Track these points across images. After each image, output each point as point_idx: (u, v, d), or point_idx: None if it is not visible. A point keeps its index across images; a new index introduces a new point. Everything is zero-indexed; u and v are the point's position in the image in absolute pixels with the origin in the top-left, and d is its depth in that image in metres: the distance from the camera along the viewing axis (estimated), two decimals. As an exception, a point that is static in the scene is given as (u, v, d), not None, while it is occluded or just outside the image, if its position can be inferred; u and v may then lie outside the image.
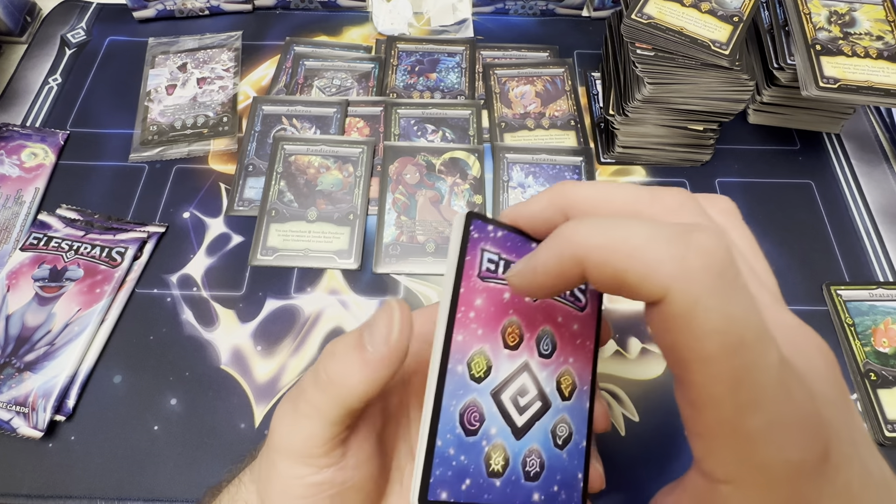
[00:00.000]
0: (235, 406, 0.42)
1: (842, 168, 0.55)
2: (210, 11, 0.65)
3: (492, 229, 0.20)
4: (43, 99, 0.58)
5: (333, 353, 0.20)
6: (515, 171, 0.53)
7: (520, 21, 0.66)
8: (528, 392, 0.20)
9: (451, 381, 0.19)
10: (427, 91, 0.59)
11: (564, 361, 0.22)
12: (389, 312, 0.19)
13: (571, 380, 0.22)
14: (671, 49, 0.47)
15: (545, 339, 0.21)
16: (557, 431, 0.21)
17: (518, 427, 0.20)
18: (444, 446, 0.18)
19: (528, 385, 0.20)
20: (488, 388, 0.19)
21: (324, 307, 0.46)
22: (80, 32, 0.63)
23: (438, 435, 0.18)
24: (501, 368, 0.20)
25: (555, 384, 0.21)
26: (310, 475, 0.20)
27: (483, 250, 0.20)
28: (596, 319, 0.23)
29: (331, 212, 0.50)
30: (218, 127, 0.55)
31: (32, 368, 0.41)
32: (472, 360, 0.19)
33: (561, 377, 0.21)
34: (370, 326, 0.19)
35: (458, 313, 0.19)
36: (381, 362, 0.19)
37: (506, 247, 0.20)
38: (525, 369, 0.20)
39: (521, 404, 0.20)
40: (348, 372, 0.19)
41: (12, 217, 0.50)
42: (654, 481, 0.40)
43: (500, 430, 0.19)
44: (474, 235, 0.20)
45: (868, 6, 0.51)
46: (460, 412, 0.19)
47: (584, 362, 0.22)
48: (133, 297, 0.46)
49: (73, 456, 0.40)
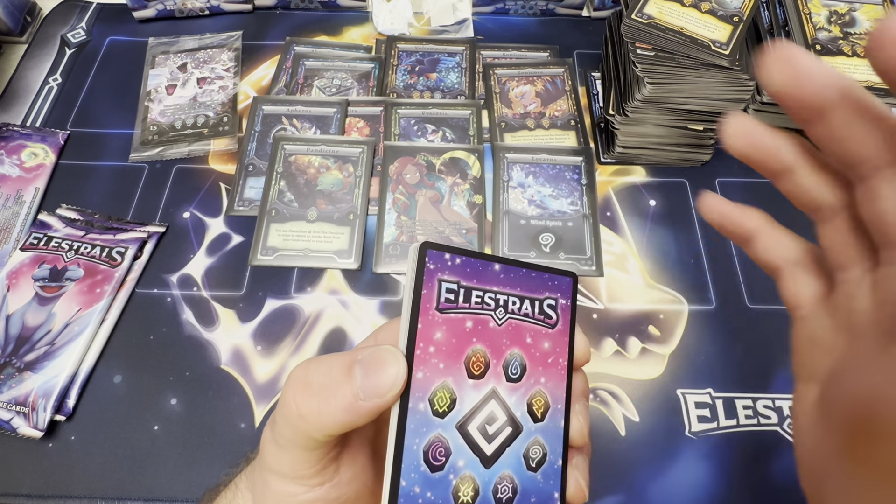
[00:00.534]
0: (235, 406, 0.42)
1: (842, 168, 0.55)
2: (210, 11, 0.65)
3: (449, 258, 0.20)
4: (43, 99, 0.58)
5: (308, 386, 0.18)
6: (515, 170, 0.53)
7: (520, 21, 0.66)
8: (496, 419, 0.20)
9: (413, 420, 0.19)
10: (427, 91, 0.59)
11: (536, 382, 0.21)
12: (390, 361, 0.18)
13: (544, 400, 0.22)
14: (671, 49, 0.47)
15: (513, 362, 0.21)
16: (530, 454, 0.21)
17: (487, 455, 0.20)
18: (408, 486, 0.18)
19: (497, 412, 0.20)
20: (453, 422, 0.19)
21: (324, 307, 0.46)
22: (81, 32, 0.63)
23: (402, 475, 0.18)
24: (466, 399, 0.20)
25: (526, 407, 0.21)
26: (303, 493, 0.20)
27: (441, 281, 0.20)
28: (569, 335, 0.22)
29: (331, 212, 0.50)
30: (218, 127, 0.55)
31: (32, 368, 0.41)
32: (434, 395, 0.19)
33: (532, 399, 0.21)
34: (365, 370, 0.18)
35: (417, 350, 0.19)
36: (369, 411, 0.18)
37: (465, 273, 0.20)
38: (493, 396, 0.20)
39: (490, 432, 0.20)
40: (326, 412, 0.18)
41: (12, 217, 0.50)
42: (653, 481, 0.40)
43: (468, 462, 0.19)
44: (430, 267, 0.19)
45: (868, 6, 0.51)
46: (424, 450, 0.19)
47: (557, 380, 0.22)
48: (133, 296, 0.46)
49: (73, 456, 0.40)
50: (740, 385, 0.43)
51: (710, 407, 0.43)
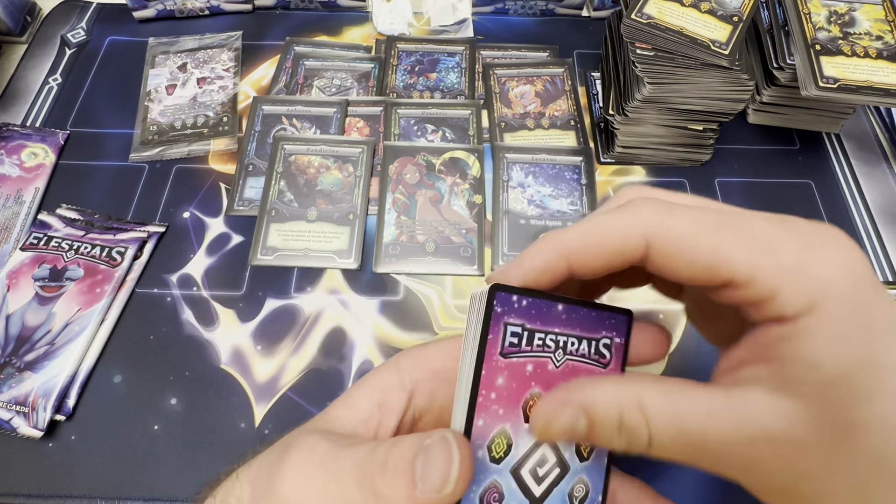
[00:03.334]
0: (235, 406, 0.42)
1: (841, 168, 0.55)
2: (210, 11, 0.65)
3: (516, 299, 0.20)
4: (43, 99, 0.58)
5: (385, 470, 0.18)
6: (515, 170, 0.53)
7: (520, 21, 0.66)
8: (546, 461, 0.21)
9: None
10: (427, 91, 0.59)
11: None
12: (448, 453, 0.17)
13: None
14: (671, 49, 0.47)
15: None
16: (574, 492, 0.21)
17: (536, 497, 0.20)
18: None
19: (548, 454, 0.21)
20: (508, 467, 0.20)
21: (324, 307, 0.46)
22: (80, 32, 0.63)
23: None
24: (521, 444, 0.20)
25: (574, 447, 0.21)
26: None
27: (507, 325, 0.19)
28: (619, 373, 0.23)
29: (331, 212, 0.50)
30: (218, 127, 0.55)
31: (32, 368, 0.41)
32: (492, 442, 0.19)
33: None
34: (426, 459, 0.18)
35: (480, 397, 0.19)
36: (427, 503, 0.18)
37: (530, 315, 0.20)
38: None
39: (540, 474, 0.20)
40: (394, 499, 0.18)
41: (12, 217, 0.50)
42: (653, 481, 0.40)
43: None
44: (497, 310, 0.19)
45: (868, 6, 0.51)
46: (480, 496, 0.19)
47: None
48: (133, 296, 0.46)
49: (73, 456, 0.40)
50: (740, 385, 0.43)
51: (709, 407, 0.43)
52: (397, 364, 0.24)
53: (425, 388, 0.23)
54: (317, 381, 0.43)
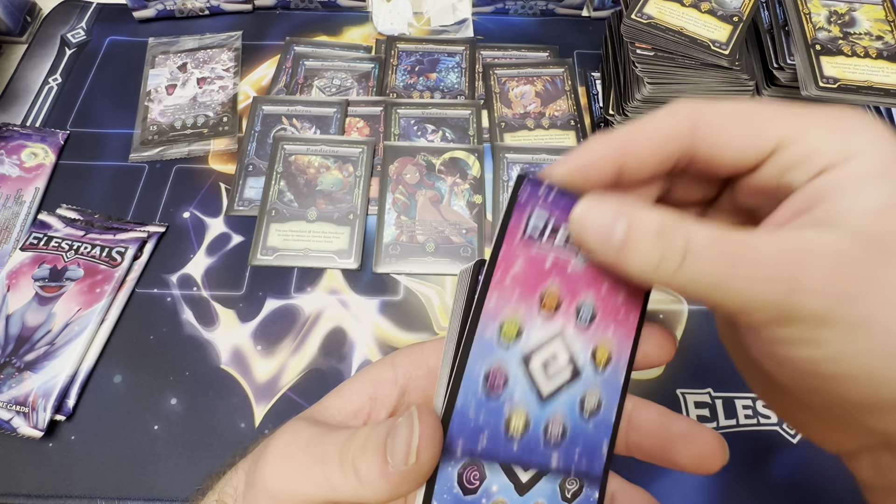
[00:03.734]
0: (235, 406, 0.42)
1: (841, 168, 0.55)
2: (210, 11, 0.65)
3: (543, 190, 0.19)
4: (43, 99, 0.58)
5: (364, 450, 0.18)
6: (515, 170, 0.53)
7: (520, 21, 0.66)
8: (558, 359, 0.20)
9: (479, 344, 0.19)
10: (427, 91, 0.59)
11: (604, 332, 0.21)
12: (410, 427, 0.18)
13: (608, 353, 0.21)
14: (671, 49, 0.47)
15: (584, 307, 0.20)
16: (586, 401, 0.21)
17: (544, 393, 0.20)
18: (463, 406, 0.18)
19: (560, 352, 0.20)
20: (517, 353, 0.19)
21: (324, 307, 0.46)
22: (80, 32, 0.63)
23: (459, 395, 0.18)
24: (534, 333, 0.19)
25: (590, 354, 0.21)
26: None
27: (531, 213, 0.19)
28: (644, 296, 0.22)
29: (331, 212, 0.50)
30: (218, 127, 0.55)
31: (32, 368, 0.41)
32: (503, 322, 0.19)
33: (597, 348, 0.21)
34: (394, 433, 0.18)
35: (496, 275, 0.19)
36: (399, 480, 0.18)
37: (557, 209, 0.20)
38: (559, 336, 0.20)
39: (551, 371, 0.20)
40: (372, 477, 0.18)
41: (12, 217, 0.50)
42: (653, 482, 0.40)
43: (524, 395, 0.19)
44: (521, 199, 0.19)
45: (868, 6, 0.51)
46: (485, 374, 0.19)
47: (624, 336, 0.22)
48: (133, 296, 0.46)
49: (73, 456, 0.40)
50: (740, 385, 0.43)
51: (709, 407, 0.43)
52: (393, 359, 0.24)
53: (419, 385, 0.23)
54: (317, 381, 0.43)
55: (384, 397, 0.23)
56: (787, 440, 0.41)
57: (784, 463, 0.41)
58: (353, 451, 0.19)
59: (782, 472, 0.40)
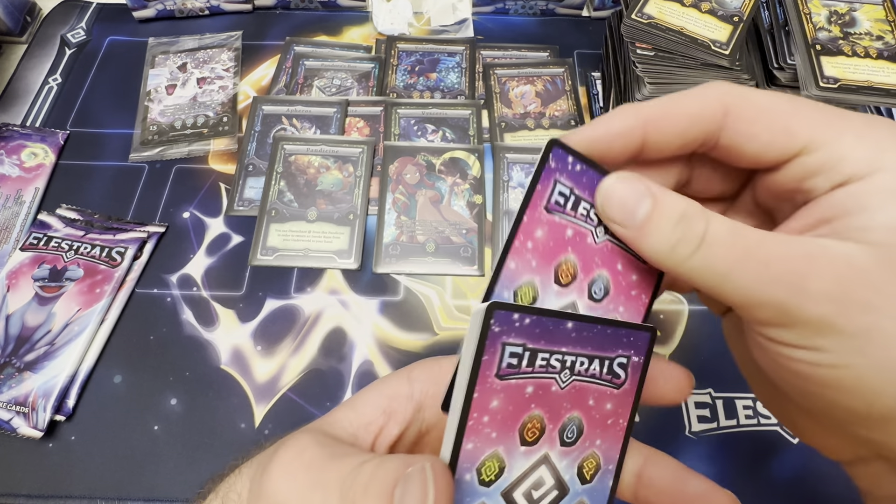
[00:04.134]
0: (235, 406, 0.42)
1: (842, 168, 0.55)
2: (210, 11, 0.65)
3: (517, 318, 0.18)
4: (43, 99, 0.58)
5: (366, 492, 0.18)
6: (515, 170, 0.53)
7: (520, 21, 0.66)
8: (543, 484, 0.19)
9: (459, 490, 0.18)
10: (427, 91, 0.59)
11: (591, 445, 0.20)
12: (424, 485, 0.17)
13: (596, 462, 0.21)
14: (671, 49, 0.47)
15: (570, 426, 0.20)
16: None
17: None
18: None
19: (545, 477, 0.19)
20: (499, 489, 0.18)
21: (324, 307, 0.46)
22: (80, 32, 0.63)
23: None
24: (516, 466, 0.19)
25: (576, 470, 0.20)
26: None
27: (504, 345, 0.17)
28: (635, 394, 0.21)
29: (331, 212, 0.50)
30: (218, 127, 0.55)
31: (32, 368, 0.41)
32: (482, 465, 0.18)
33: (584, 461, 0.20)
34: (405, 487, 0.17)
35: (470, 421, 0.18)
36: None
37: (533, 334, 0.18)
38: (543, 462, 0.19)
39: (535, 497, 0.19)
40: None
41: (12, 217, 0.50)
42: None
43: None
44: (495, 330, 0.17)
45: (868, 6, 0.51)
46: None
47: (613, 441, 0.21)
48: (133, 296, 0.46)
49: (73, 456, 0.40)
50: (740, 385, 0.43)
51: (710, 407, 0.43)
52: (409, 373, 0.23)
53: (436, 402, 0.22)
54: (317, 381, 0.43)
55: (398, 412, 0.22)
56: (787, 440, 0.41)
57: (784, 463, 0.41)
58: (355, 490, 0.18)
59: (783, 473, 0.40)
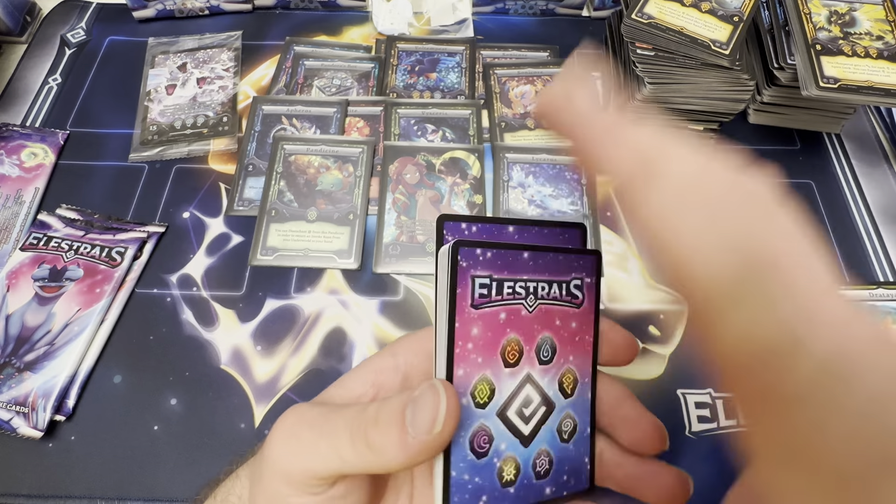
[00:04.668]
0: (235, 406, 0.42)
1: (842, 168, 0.55)
2: (210, 11, 0.65)
3: (479, 252, 0.20)
4: (43, 99, 0.58)
5: (377, 422, 0.19)
6: (515, 170, 0.53)
7: (520, 21, 0.66)
8: (532, 401, 0.21)
9: None
10: (427, 91, 0.59)
11: (565, 362, 0.22)
12: (436, 397, 0.18)
13: (573, 376, 0.23)
14: (671, 49, 0.47)
15: (545, 346, 0.22)
16: (563, 427, 0.22)
17: (525, 436, 0.21)
18: (458, 475, 0.20)
19: (532, 395, 0.21)
20: (494, 410, 0.20)
21: (324, 307, 0.46)
22: (80, 32, 0.63)
23: (452, 466, 0.19)
24: (504, 387, 0.21)
25: (557, 386, 0.22)
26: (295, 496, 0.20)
27: (474, 277, 0.20)
28: (594, 311, 0.23)
29: (331, 212, 0.50)
30: (218, 127, 0.55)
31: (32, 368, 0.41)
32: (475, 389, 0.20)
33: (563, 377, 0.22)
34: (414, 406, 0.18)
35: (457, 349, 0.20)
36: (420, 449, 0.18)
37: (496, 265, 0.21)
38: (528, 381, 0.21)
39: (527, 414, 0.21)
40: (387, 448, 0.18)
41: (12, 217, 0.50)
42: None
43: (509, 444, 0.21)
44: (463, 265, 0.20)
45: (868, 6, 0.51)
46: (470, 440, 0.20)
47: (584, 356, 0.23)
48: (133, 297, 0.46)
49: (73, 456, 0.40)
50: (740, 385, 0.43)
51: (710, 407, 0.43)
52: (392, 349, 0.24)
53: (421, 371, 0.24)
54: (317, 381, 0.43)
55: (386, 384, 0.23)
56: (787, 440, 0.41)
57: (784, 463, 0.41)
58: (366, 424, 0.19)
59: (783, 473, 0.40)
